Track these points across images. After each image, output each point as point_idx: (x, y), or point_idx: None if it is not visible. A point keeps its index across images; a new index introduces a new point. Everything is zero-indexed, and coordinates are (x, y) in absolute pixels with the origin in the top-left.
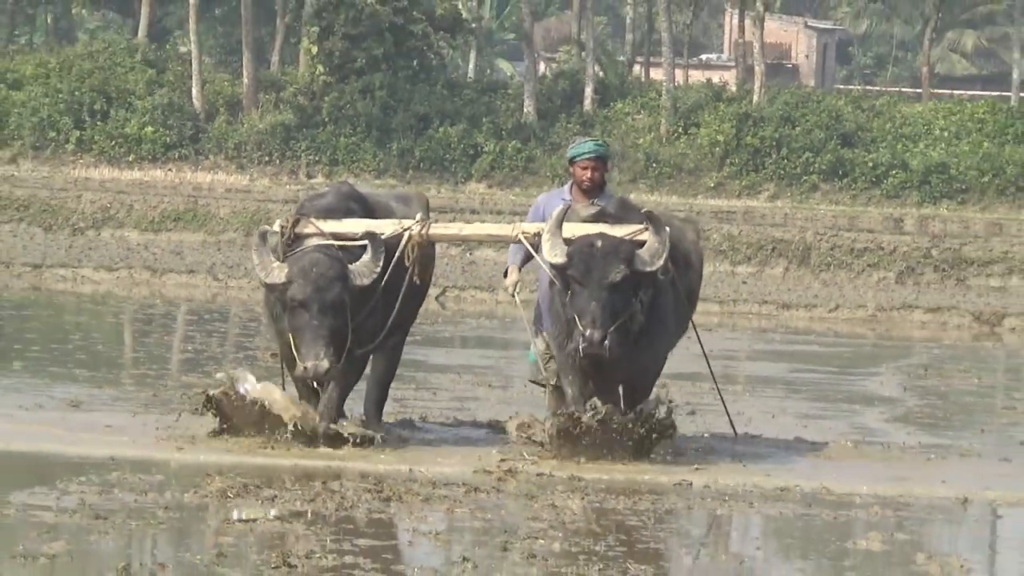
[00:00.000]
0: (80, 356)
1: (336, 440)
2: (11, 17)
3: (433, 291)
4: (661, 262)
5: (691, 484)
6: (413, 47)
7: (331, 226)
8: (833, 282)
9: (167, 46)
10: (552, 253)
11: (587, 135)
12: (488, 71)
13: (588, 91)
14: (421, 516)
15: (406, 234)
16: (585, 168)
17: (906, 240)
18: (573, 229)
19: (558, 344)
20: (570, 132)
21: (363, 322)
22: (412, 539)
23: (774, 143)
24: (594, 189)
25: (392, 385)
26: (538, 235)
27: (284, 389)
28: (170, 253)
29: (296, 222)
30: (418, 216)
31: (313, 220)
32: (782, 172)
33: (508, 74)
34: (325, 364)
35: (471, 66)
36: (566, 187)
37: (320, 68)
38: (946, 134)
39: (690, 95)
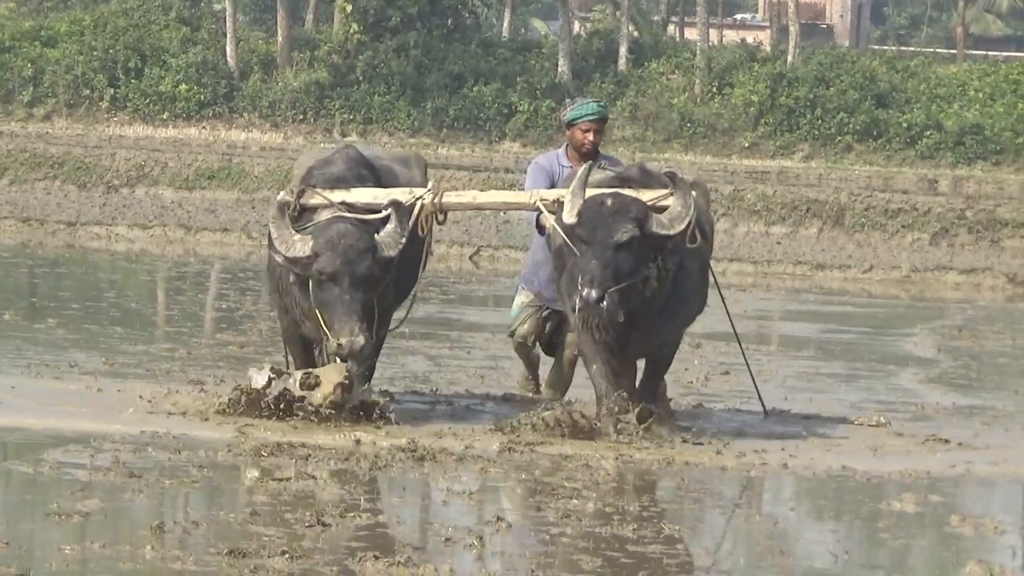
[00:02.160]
0: (114, 314)
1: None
2: None
3: (466, 251)
4: (683, 226)
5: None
6: (448, 5)
7: (340, 196)
8: (867, 243)
9: (201, 3)
10: (569, 214)
11: (617, 101)
12: (522, 30)
13: (622, 51)
14: (455, 476)
15: (418, 203)
16: (587, 131)
17: (940, 201)
18: (592, 194)
19: (568, 311)
20: (604, 92)
21: (380, 295)
22: (446, 499)
23: (808, 103)
24: (592, 153)
25: (427, 343)
26: (556, 202)
27: (287, 367)
28: (204, 211)
29: (302, 193)
30: (430, 184)
31: (320, 191)
32: (816, 132)
33: (542, 33)
34: (361, 340)
35: (505, 25)
36: (561, 150)
37: (354, 26)
38: (981, 95)
39: (724, 55)
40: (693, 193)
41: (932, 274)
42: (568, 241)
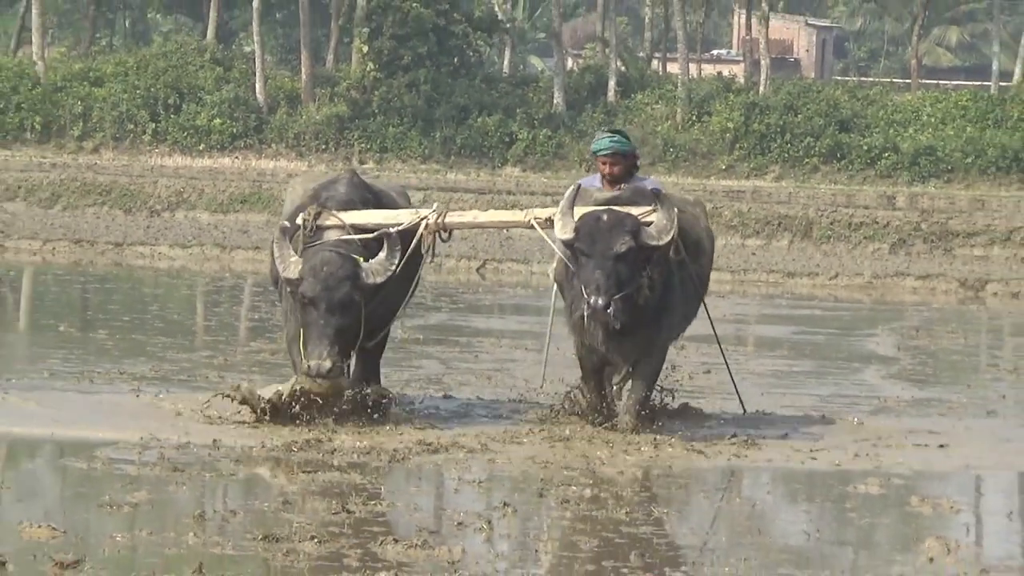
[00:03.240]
0: (158, 324)
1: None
2: (92, 22)
3: (473, 264)
4: (669, 238)
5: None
6: (454, 45)
7: (351, 217)
8: (833, 253)
9: (233, 46)
10: (563, 231)
11: (610, 125)
12: (521, 67)
13: (611, 84)
14: (466, 466)
15: (423, 223)
16: (604, 163)
17: (898, 215)
18: (584, 211)
19: (573, 326)
20: (595, 120)
21: (372, 312)
22: (458, 487)
23: (779, 129)
24: (616, 182)
25: (438, 348)
26: (549, 220)
27: (295, 369)
28: (237, 232)
29: (318, 214)
30: (435, 205)
31: (335, 212)
32: (786, 155)
33: (539, 69)
34: (327, 364)
35: (506, 62)
36: (598, 175)
37: (370, 65)
38: (933, 120)
39: (703, 87)
40: (677, 210)
41: (891, 280)
42: (564, 256)
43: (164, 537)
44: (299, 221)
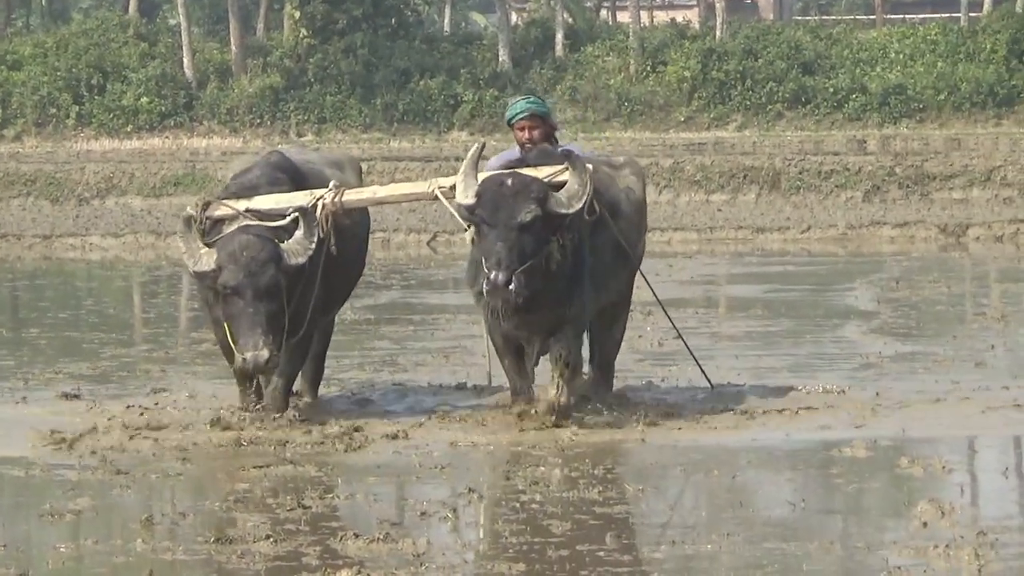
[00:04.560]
0: (94, 320)
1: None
2: (7, 1)
3: (423, 237)
4: (581, 204)
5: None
6: (391, 6)
7: (244, 204)
8: (804, 204)
9: (157, 20)
10: (464, 195)
11: (557, 85)
12: (463, 24)
13: (559, 37)
14: (426, 452)
15: (319, 204)
16: (522, 129)
17: (870, 160)
18: (487, 174)
19: (477, 301)
20: (544, 78)
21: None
22: (419, 475)
23: (739, 76)
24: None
25: (390, 328)
26: (453, 188)
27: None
28: (172, 216)
29: (207, 205)
30: (331, 184)
31: (225, 201)
32: (748, 103)
33: (482, 26)
34: (265, 354)
35: (447, 21)
36: (516, 150)
37: (303, 31)
38: (901, 57)
39: (656, 35)
40: (590, 167)
41: (867, 230)
42: (464, 222)
43: (111, 545)
44: (184, 216)
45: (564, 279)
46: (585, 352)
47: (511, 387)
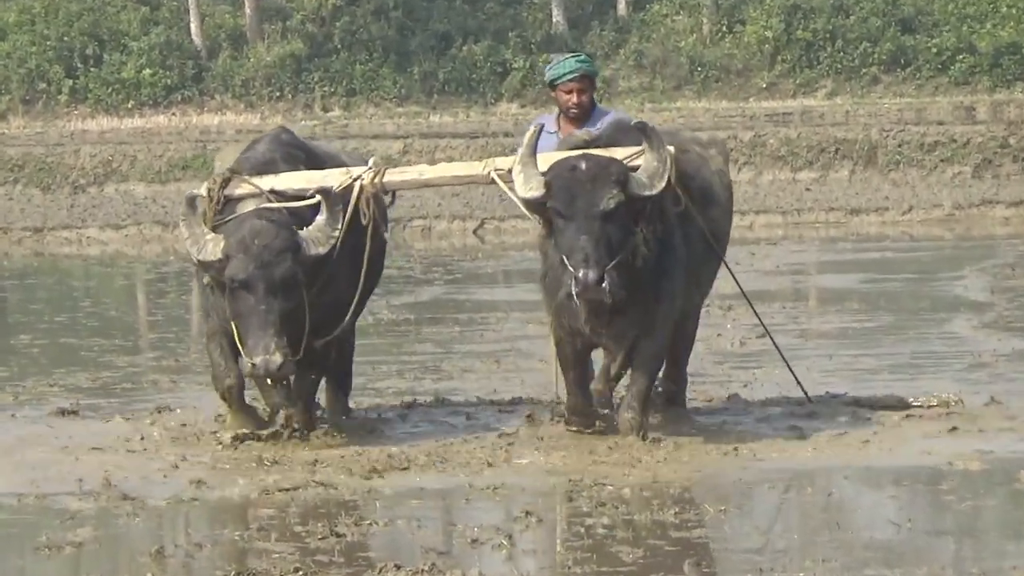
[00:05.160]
0: (93, 324)
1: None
2: None
3: (469, 225)
4: (663, 183)
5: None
6: None
7: (269, 182)
8: (904, 182)
9: None
10: (527, 187)
11: (620, 49)
12: None
13: None
14: (476, 471)
15: (357, 184)
16: (569, 92)
17: (980, 130)
18: (551, 158)
19: (554, 307)
20: (604, 41)
21: (317, 301)
22: (469, 496)
23: (828, 35)
24: (583, 115)
25: (433, 329)
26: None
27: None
28: (181, 205)
29: (226, 181)
30: (371, 161)
31: (247, 178)
32: (839, 66)
33: None
34: (278, 359)
35: None
36: (552, 115)
37: None
38: (1015, 11)
39: None
40: (672, 148)
41: (977, 210)
42: (531, 215)
43: None
44: (203, 191)
45: (650, 276)
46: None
47: (569, 404)
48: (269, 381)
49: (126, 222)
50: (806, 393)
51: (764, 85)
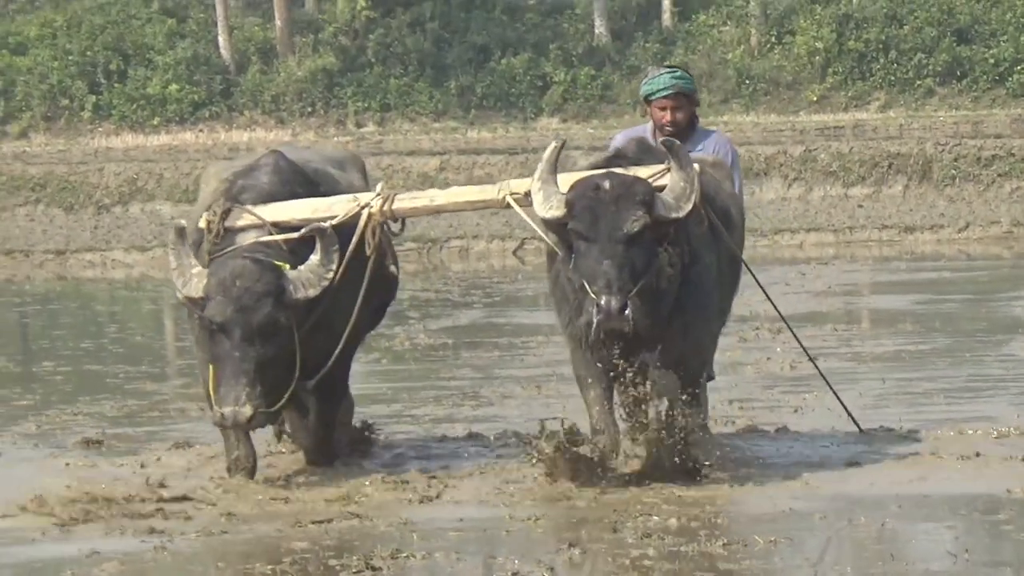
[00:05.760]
0: (119, 351)
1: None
2: None
3: (508, 245)
4: (690, 205)
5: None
6: None
7: (272, 212)
8: (960, 198)
9: None
10: (546, 206)
11: (664, 61)
12: None
13: (666, 4)
14: (517, 501)
15: (365, 212)
16: (663, 109)
17: None
18: (572, 178)
19: (570, 333)
20: (649, 53)
21: (308, 339)
22: (509, 528)
23: (881, 46)
24: (679, 134)
25: (472, 353)
26: (529, 195)
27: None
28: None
29: (227, 212)
30: (378, 187)
31: (250, 208)
32: (892, 78)
33: None
34: (247, 411)
35: None
36: (648, 128)
37: (361, 2)
38: None
39: None
40: (697, 167)
41: None
42: (549, 240)
43: None
44: (202, 224)
45: (678, 300)
46: None
47: (592, 424)
48: (236, 431)
49: (152, 243)
50: (857, 424)
51: (815, 98)
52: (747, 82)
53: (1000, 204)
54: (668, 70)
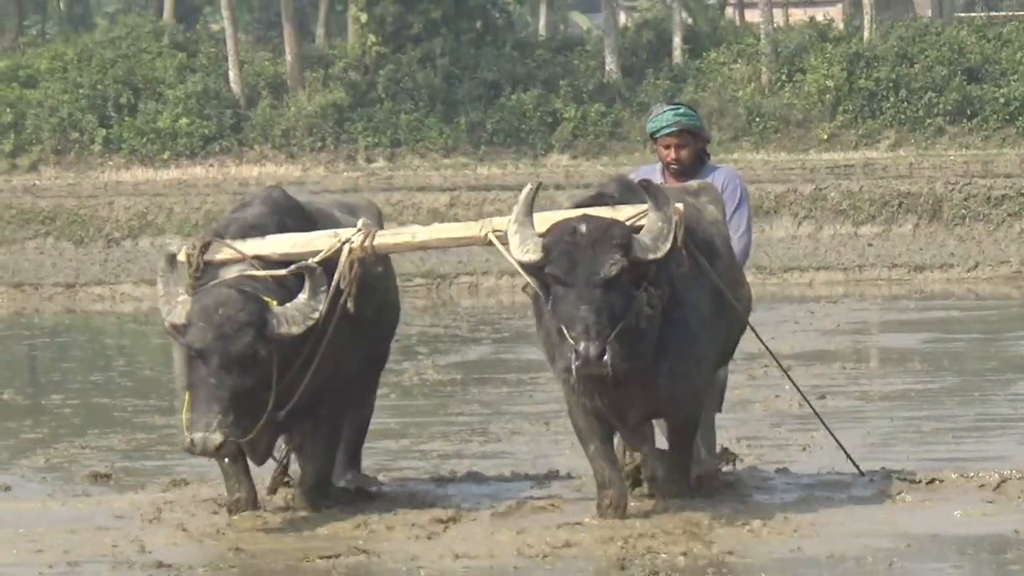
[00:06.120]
0: (127, 384)
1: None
2: (19, 5)
3: (518, 281)
4: (668, 246)
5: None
6: (475, 6)
7: (252, 246)
8: (970, 237)
9: (197, 25)
10: (522, 249)
11: (675, 98)
12: (562, 27)
13: (676, 41)
14: (524, 541)
15: (345, 248)
16: (668, 146)
17: None
18: (550, 217)
19: (558, 377)
20: (659, 90)
21: (301, 379)
22: (518, 565)
23: (891, 84)
24: (686, 171)
25: (479, 389)
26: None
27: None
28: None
29: (206, 246)
30: (359, 223)
31: (229, 242)
32: (903, 117)
33: (584, 28)
34: (216, 439)
35: (542, 22)
36: (657, 167)
37: (372, 37)
38: None
39: (792, 37)
40: (680, 206)
41: None
42: (529, 280)
43: None
44: (181, 257)
45: (674, 336)
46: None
47: (597, 478)
48: (204, 457)
49: None
50: (857, 467)
51: (825, 136)
52: (757, 120)
53: (1010, 244)
54: (672, 107)
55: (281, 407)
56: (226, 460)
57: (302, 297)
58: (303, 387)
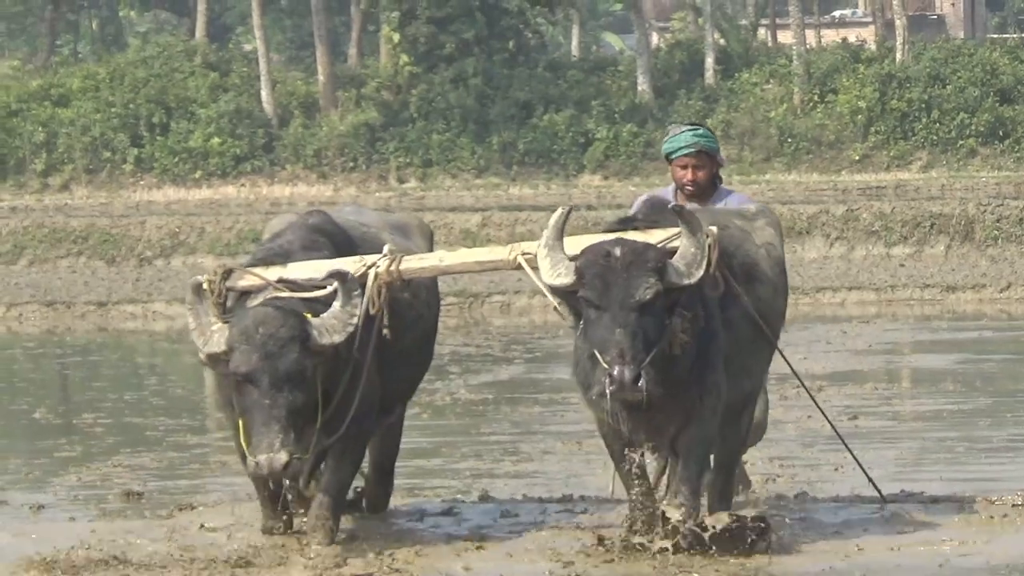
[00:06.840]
0: (159, 403)
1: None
2: (51, 26)
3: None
4: (701, 272)
5: None
6: (508, 26)
7: (276, 272)
8: (1003, 258)
9: (229, 45)
10: (553, 273)
11: (706, 118)
12: (594, 47)
13: (709, 62)
14: (554, 560)
15: (371, 272)
16: (684, 167)
17: None
18: (580, 242)
19: (589, 402)
20: (691, 110)
21: (336, 392)
22: None
23: (923, 105)
24: (701, 193)
25: (510, 408)
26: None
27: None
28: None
29: (227, 274)
30: (385, 248)
31: (251, 269)
32: (935, 138)
33: (617, 49)
34: (283, 457)
35: (575, 43)
36: (670, 189)
37: (404, 57)
38: None
39: (824, 58)
40: (714, 229)
41: None
42: (560, 309)
43: None
44: (194, 283)
45: (689, 363)
46: None
47: (630, 501)
48: (272, 479)
49: None
50: (880, 493)
51: (857, 158)
52: (789, 140)
53: None
54: (690, 127)
55: (330, 435)
56: (286, 482)
57: (336, 306)
58: (351, 415)
